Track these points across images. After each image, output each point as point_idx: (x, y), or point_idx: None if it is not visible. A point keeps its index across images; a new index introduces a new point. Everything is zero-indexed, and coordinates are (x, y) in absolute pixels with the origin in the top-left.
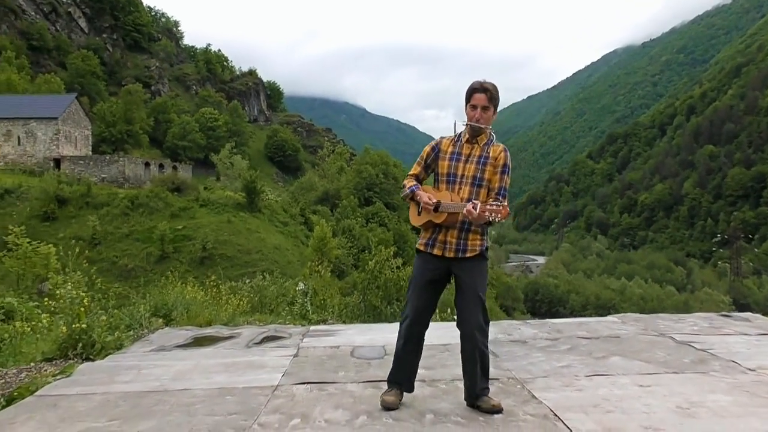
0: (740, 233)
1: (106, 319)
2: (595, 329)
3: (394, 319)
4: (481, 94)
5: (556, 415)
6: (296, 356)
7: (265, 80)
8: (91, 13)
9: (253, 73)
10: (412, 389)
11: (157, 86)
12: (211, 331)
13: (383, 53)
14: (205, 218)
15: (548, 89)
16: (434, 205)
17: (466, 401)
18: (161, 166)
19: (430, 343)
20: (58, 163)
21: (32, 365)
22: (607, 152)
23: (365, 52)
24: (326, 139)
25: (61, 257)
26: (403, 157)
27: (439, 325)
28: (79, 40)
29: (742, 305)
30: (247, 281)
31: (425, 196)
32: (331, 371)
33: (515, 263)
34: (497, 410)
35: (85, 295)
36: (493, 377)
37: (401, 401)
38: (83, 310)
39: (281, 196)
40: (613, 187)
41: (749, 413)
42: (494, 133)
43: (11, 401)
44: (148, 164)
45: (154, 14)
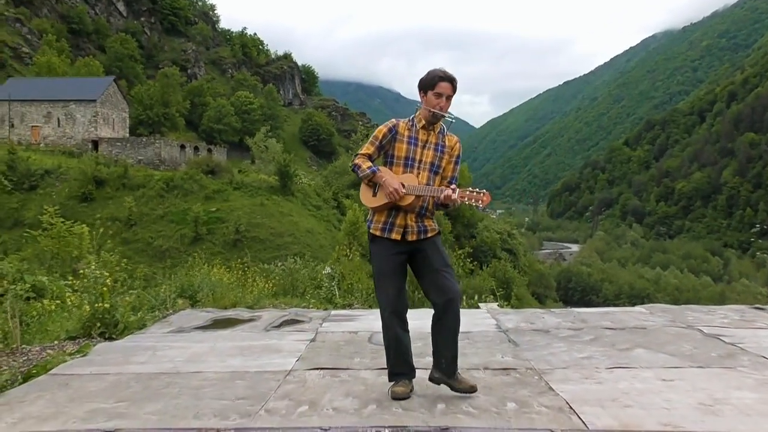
0: None
1: (129, 299)
2: (620, 320)
3: (422, 304)
4: (447, 83)
5: (571, 408)
6: (313, 341)
7: (300, 64)
8: None
9: (288, 56)
10: (415, 374)
11: (193, 69)
12: (231, 313)
13: (418, 38)
14: (238, 201)
15: (585, 75)
16: (401, 197)
17: (436, 379)
18: (196, 148)
19: None
20: (96, 144)
21: (56, 343)
22: (644, 139)
23: (400, 36)
24: (360, 123)
25: (94, 237)
26: None
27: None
28: (117, 23)
29: None
30: (278, 264)
31: (391, 179)
32: (346, 357)
33: (548, 251)
34: (473, 389)
35: (108, 275)
36: (510, 367)
37: (412, 390)
38: (106, 289)
39: (315, 180)
40: (649, 174)
41: None
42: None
43: (27, 378)
44: (183, 147)
45: None
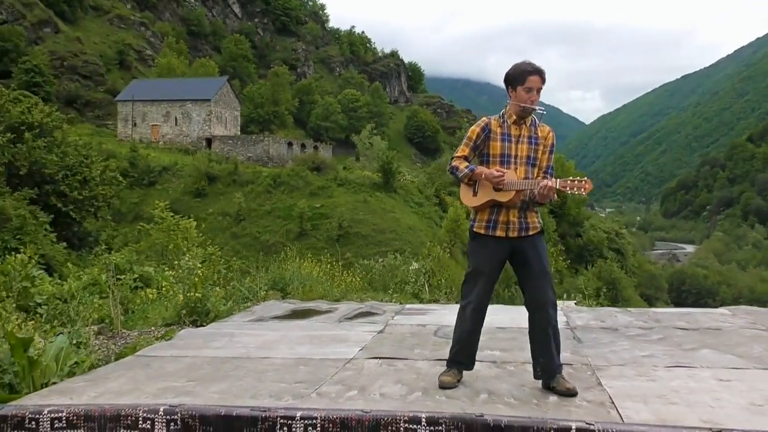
0: None
1: (220, 290)
2: (696, 320)
3: (511, 302)
4: (536, 76)
5: (613, 402)
6: (381, 332)
7: (406, 61)
8: None
9: (395, 54)
10: (473, 366)
11: (302, 68)
12: (311, 304)
13: (528, 32)
14: (342, 197)
15: (705, 68)
16: (503, 177)
17: (541, 383)
18: (303, 146)
19: (509, 326)
20: (209, 142)
21: (152, 329)
22: None
23: (509, 31)
24: (465, 120)
25: (202, 231)
26: None
27: (518, 308)
28: (232, 24)
29: None
30: (379, 260)
31: (491, 170)
32: (407, 348)
33: (661, 251)
34: (572, 393)
35: (200, 266)
36: (566, 362)
37: (460, 380)
38: (198, 280)
39: (418, 177)
40: None
41: None
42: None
43: (119, 359)
44: (290, 144)
45: None
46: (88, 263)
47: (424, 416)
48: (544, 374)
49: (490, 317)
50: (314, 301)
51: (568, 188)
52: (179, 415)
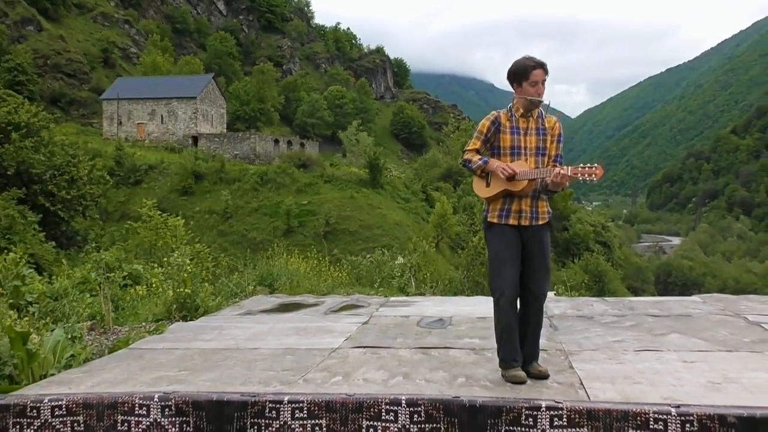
0: None
1: (209, 285)
2: (668, 308)
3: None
4: (539, 69)
5: (582, 384)
6: (365, 323)
7: (392, 57)
8: None
9: (380, 50)
10: (522, 360)
11: (288, 65)
12: (298, 298)
13: (514, 27)
14: (329, 194)
15: (689, 61)
16: (515, 173)
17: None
18: (289, 143)
19: (488, 315)
20: (195, 140)
21: (143, 325)
22: (754, 127)
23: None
24: (451, 115)
25: (189, 229)
26: None
27: None
28: (217, 22)
29: None
30: (367, 256)
31: (503, 164)
32: (390, 338)
33: (647, 243)
34: (544, 376)
35: (189, 263)
36: (542, 348)
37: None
38: (187, 276)
39: (405, 172)
40: (760, 164)
41: None
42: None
43: (112, 352)
44: (277, 141)
45: None
46: (78, 262)
47: (404, 398)
48: (526, 358)
49: (470, 308)
50: (301, 295)
51: (579, 175)
52: (173, 401)
